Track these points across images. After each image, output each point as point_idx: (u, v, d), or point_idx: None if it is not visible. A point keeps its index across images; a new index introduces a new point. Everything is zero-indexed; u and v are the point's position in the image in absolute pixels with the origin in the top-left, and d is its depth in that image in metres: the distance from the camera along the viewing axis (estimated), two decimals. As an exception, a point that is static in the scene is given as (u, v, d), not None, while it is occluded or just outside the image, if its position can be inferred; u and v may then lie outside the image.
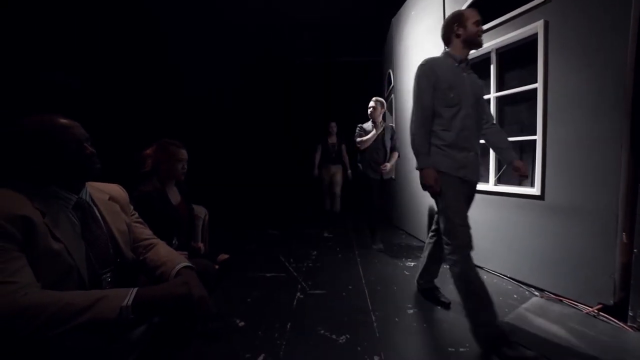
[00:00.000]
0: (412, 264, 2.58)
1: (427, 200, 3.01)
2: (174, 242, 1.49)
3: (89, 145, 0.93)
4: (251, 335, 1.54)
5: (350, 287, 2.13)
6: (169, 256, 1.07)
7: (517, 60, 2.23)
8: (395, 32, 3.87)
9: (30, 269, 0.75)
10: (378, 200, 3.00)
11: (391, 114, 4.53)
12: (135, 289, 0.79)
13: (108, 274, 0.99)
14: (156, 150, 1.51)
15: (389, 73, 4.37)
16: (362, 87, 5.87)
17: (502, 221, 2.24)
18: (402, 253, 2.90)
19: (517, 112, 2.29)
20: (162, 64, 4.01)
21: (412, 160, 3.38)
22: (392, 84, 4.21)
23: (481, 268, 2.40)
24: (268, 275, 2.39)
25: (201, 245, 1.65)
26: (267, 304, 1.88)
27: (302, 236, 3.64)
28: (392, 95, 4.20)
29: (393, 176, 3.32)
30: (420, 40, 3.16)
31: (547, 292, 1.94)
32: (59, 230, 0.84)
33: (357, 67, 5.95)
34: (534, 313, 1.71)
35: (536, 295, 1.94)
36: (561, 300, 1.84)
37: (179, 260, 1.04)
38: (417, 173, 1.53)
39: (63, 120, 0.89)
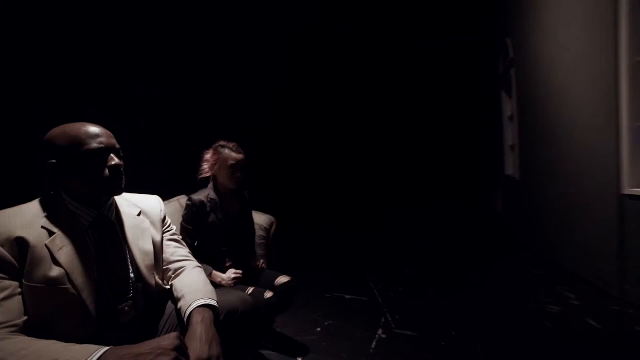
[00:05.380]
0: (556, 309, 1.73)
1: (587, 213, 2.03)
2: (227, 260, 1.30)
3: (115, 156, 0.78)
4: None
5: (453, 333, 1.54)
6: (191, 286, 0.85)
7: None
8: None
9: (10, 303, 0.62)
10: None
11: (509, 95, 3.51)
12: (104, 350, 0.57)
13: (127, 303, 0.82)
14: (212, 155, 1.37)
15: (506, 43, 3.38)
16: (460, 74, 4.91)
17: None
18: (539, 289, 2.03)
19: None
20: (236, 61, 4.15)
21: (553, 155, 2.37)
22: (511, 55, 3.23)
23: None
24: (347, 297, 2.01)
25: (260, 263, 1.42)
26: (338, 341, 1.51)
27: (392, 248, 3.11)
28: (512, 70, 3.22)
29: None
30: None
31: None
32: (64, 253, 0.72)
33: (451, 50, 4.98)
34: None
35: None
36: None
37: (199, 296, 0.80)
38: (568, 172, 0.88)
39: (92, 129, 0.77)
